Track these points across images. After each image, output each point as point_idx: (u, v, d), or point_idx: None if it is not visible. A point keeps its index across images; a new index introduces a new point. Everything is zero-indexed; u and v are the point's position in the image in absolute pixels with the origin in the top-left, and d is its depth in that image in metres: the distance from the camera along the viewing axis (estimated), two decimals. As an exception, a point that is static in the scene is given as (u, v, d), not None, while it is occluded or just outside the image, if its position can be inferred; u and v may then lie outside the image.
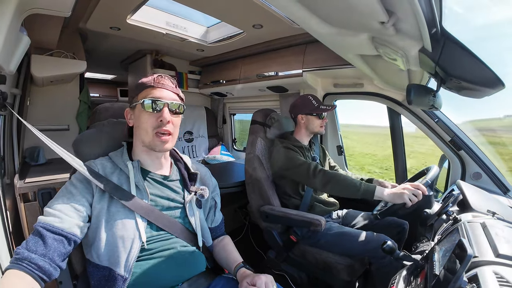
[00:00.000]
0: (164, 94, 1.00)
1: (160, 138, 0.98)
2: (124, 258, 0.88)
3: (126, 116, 1.07)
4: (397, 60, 1.19)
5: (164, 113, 0.97)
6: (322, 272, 1.66)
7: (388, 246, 1.10)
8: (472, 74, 0.93)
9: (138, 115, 1.00)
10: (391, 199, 1.39)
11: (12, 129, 2.25)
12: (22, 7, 0.91)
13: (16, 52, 1.15)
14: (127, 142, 1.10)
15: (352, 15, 1.01)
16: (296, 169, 1.70)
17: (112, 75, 5.10)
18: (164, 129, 0.97)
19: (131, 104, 1.04)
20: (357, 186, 1.47)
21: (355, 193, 1.48)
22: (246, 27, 2.24)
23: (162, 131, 0.97)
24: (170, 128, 0.99)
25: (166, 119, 0.96)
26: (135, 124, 1.03)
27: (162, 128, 0.97)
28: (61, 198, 0.88)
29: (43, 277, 0.77)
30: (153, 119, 0.97)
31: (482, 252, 0.83)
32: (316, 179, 1.60)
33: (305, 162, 1.68)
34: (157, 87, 1.00)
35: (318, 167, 1.64)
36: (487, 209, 1.18)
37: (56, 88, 2.83)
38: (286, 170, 1.77)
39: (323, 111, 1.84)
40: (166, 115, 0.97)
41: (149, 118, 0.97)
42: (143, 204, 0.95)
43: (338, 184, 1.54)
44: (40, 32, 1.88)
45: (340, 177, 1.55)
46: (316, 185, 1.63)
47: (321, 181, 1.58)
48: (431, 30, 0.87)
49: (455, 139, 1.74)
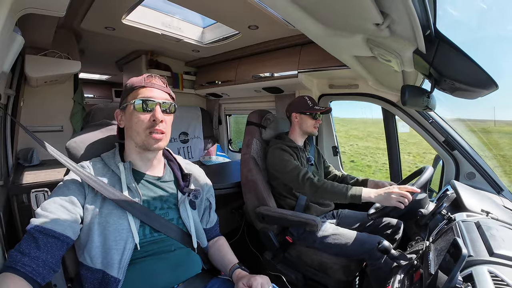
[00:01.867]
0: (155, 94, 0.99)
1: (153, 136, 0.97)
2: (117, 260, 0.87)
3: (116, 118, 1.06)
4: (391, 61, 1.20)
5: (156, 112, 0.96)
6: (318, 272, 1.66)
7: (383, 246, 1.11)
8: (465, 75, 0.94)
9: (129, 116, 0.99)
10: (379, 201, 1.44)
11: (5, 130, 2.22)
12: (16, 6, 0.90)
13: (10, 52, 1.13)
14: (119, 143, 1.09)
15: (347, 16, 1.02)
16: (286, 174, 1.72)
17: (106, 75, 5.06)
18: (157, 128, 0.97)
19: (121, 105, 1.03)
20: (344, 193, 1.51)
21: (343, 200, 1.53)
22: (241, 28, 2.24)
23: (155, 131, 0.96)
24: (162, 127, 0.98)
25: (158, 118, 0.96)
26: (126, 125, 1.02)
27: (155, 127, 0.96)
28: (53, 199, 0.87)
29: (37, 280, 0.76)
30: (145, 119, 0.96)
31: (477, 252, 0.84)
32: (304, 187, 1.64)
33: (296, 167, 1.69)
34: (147, 87, 0.99)
35: (307, 175, 1.65)
36: (481, 209, 1.20)
37: (50, 89, 2.80)
38: (278, 172, 1.79)
39: (316, 111, 1.84)
40: (158, 114, 0.96)
41: (141, 118, 0.96)
42: (135, 206, 0.94)
43: (326, 192, 1.57)
44: (34, 32, 1.87)
45: (328, 186, 1.57)
46: (305, 192, 1.67)
47: (309, 189, 1.62)
48: (425, 32, 0.88)
49: (449, 139, 1.76)
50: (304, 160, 1.88)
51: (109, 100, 5.46)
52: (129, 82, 1.03)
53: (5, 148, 2.21)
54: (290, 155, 1.78)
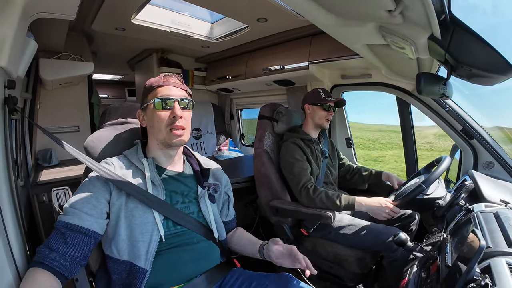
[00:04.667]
0: (173, 92, 1.03)
1: (174, 133, 1.00)
2: (144, 251, 0.91)
3: (138, 118, 1.11)
4: (405, 48, 1.17)
5: (175, 109, 1.00)
6: (333, 265, 1.66)
7: (400, 238, 1.10)
8: (483, 61, 0.91)
9: (150, 115, 1.03)
10: (370, 212, 1.53)
11: (24, 132, 2.30)
12: (27, 12, 0.92)
13: (24, 57, 1.17)
14: (141, 141, 1.13)
15: (358, 4, 0.99)
16: (289, 176, 1.77)
17: (119, 75, 5.15)
18: (177, 124, 1.00)
19: (142, 106, 1.07)
20: (337, 204, 1.58)
21: (336, 210, 1.61)
22: (250, 21, 2.23)
23: (175, 127, 1.00)
24: (182, 123, 1.02)
25: (178, 114, 0.99)
26: (148, 124, 1.06)
27: (175, 124, 1.00)
28: (80, 196, 0.91)
29: (64, 274, 0.80)
30: (165, 116, 1.00)
31: (495, 243, 0.82)
32: (301, 195, 1.69)
33: (299, 173, 1.71)
34: (165, 85, 1.03)
35: (306, 183, 1.68)
36: (500, 199, 1.16)
37: (65, 91, 2.87)
38: (284, 170, 1.83)
39: (327, 102, 1.82)
40: (177, 111, 1.00)
41: (162, 116, 1.00)
42: (158, 200, 0.98)
43: (321, 202, 1.62)
44: (47, 36, 1.91)
45: (322, 197, 1.61)
46: (301, 200, 1.71)
47: (305, 199, 1.67)
48: (439, 17, 0.84)
49: (467, 128, 1.70)
50: (319, 153, 1.87)
51: (123, 99, 5.55)
52: (147, 82, 1.07)
53: (24, 149, 2.29)
54: (303, 152, 1.78)
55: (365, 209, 1.53)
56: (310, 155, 1.80)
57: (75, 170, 2.34)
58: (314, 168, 1.79)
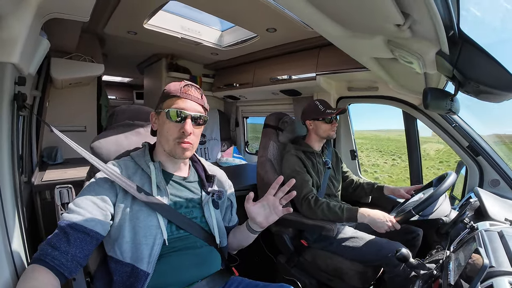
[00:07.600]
0: (188, 105, 1.01)
1: (181, 145, 1.00)
2: (147, 254, 0.91)
3: (151, 119, 1.11)
4: (413, 63, 1.17)
5: (186, 125, 0.98)
6: (333, 278, 1.63)
7: (402, 254, 1.08)
8: (491, 78, 0.90)
9: (162, 123, 1.03)
10: (372, 224, 1.49)
11: (31, 129, 2.32)
12: (42, 11, 0.94)
13: (36, 55, 1.19)
14: (148, 143, 1.14)
15: (366, 17, 1.00)
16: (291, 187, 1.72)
17: (128, 78, 5.22)
18: (185, 140, 1.00)
19: (157, 109, 1.07)
20: (339, 215, 1.56)
21: (339, 221, 1.58)
22: (260, 31, 2.25)
23: (183, 142, 1.00)
24: (190, 140, 1.01)
25: (188, 131, 0.98)
26: (158, 129, 1.07)
27: (183, 139, 0.99)
28: (85, 196, 0.91)
29: (64, 273, 0.80)
30: (175, 129, 1.00)
31: (499, 262, 0.80)
32: (302, 207, 1.66)
33: (301, 185, 1.68)
34: (182, 97, 1.01)
35: (308, 195, 1.66)
36: (504, 218, 1.14)
37: (75, 90, 2.92)
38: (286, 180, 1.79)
39: (328, 115, 1.79)
40: (188, 127, 0.98)
41: (172, 128, 1.00)
42: (163, 204, 0.98)
43: (322, 213, 1.60)
44: (60, 36, 1.95)
45: (324, 208, 1.59)
46: (302, 212, 1.68)
47: (306, 210, 1.65)
48: (448, 33, 0.85)
49: (473, 144, 1.69)
50: (320, 166, 1.85)
51: (130, 101, 5.62)
52: (167, 87, 1.06)
53: (30, 146, 2.31)
54: (304, 164, 1.77)
55: (367, 221, 1.50)
56: (310, 168, 1.79)
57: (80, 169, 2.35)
58: (314, 181, 1.78)
